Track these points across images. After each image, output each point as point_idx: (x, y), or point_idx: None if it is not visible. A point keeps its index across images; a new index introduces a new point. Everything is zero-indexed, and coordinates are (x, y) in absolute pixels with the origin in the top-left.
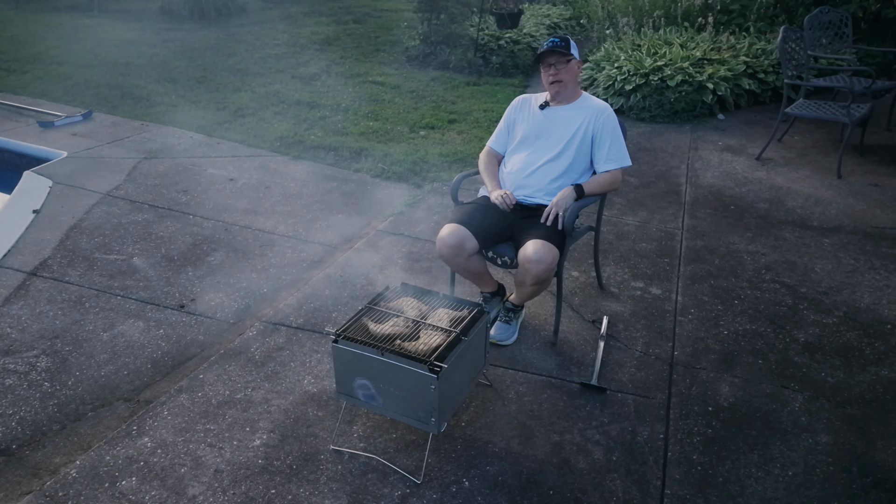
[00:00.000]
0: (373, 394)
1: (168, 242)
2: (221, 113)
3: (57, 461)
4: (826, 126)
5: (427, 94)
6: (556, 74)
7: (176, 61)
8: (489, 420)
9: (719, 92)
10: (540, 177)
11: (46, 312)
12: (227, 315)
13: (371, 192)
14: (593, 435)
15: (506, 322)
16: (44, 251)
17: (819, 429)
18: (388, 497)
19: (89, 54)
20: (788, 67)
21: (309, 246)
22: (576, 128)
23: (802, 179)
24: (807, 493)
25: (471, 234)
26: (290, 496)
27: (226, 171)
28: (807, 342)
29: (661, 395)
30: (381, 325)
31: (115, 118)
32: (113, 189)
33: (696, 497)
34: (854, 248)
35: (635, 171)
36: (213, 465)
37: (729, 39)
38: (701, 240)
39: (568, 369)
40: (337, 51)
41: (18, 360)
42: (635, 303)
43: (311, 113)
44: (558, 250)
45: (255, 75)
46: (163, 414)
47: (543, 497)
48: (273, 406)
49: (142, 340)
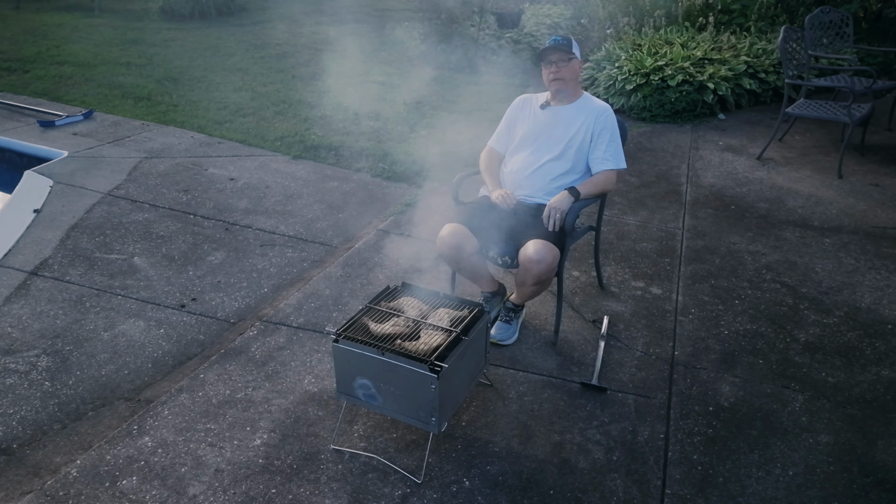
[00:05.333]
0: (373, 393)
1: (169, 242)
2: (222, 112)
3: (58, 460)
4: (827, 126)
5: (427, 93)
6: (557, 72)
7: (176, 61)
8: (490, 420)
9: (720, 92)
10: (540, 177)
11: (47, 312)
12: (227, 314)
13: (371, 191)
14: (594, 435)
15: (506, 322)
16: (44, 251)
17: (820, 429)
18: (389, 497)
19: (90, 54)
20: (789, 67)
21: (309, 245)
22: (576, 128)
23: (803, 179)
24: (807, 493)
25: (471, 233)
26: (290, 496)
27: (226, 171)
28: (807, 342)
29: (662, 395)
30: (382, 324)
31: (116, 118)
32: (114, 188)
33: (697, 497)
34: (855, 248)
35: (636, 171)
36: (213, 464)
37: (730, 39)
38: (701, 240)
39: (568, 369)
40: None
41: (19, 359)
42: (636, 302)
43: (312, 112)
44: (559, 250)
45: (256, 75)
46: (163, 413)
47: (544, 497)
48: (273, 406)
49: (142, 340)
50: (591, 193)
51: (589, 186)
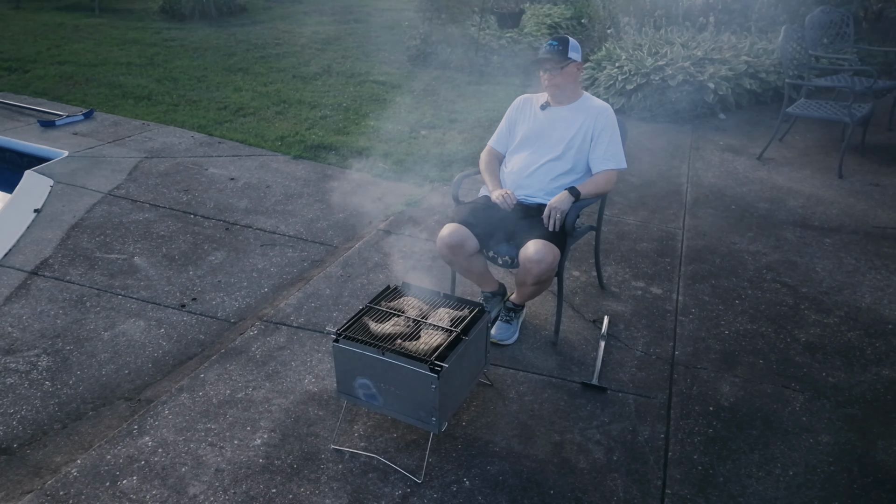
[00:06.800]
0: (373, 393)
1: (169, 242)
2: (222, 112)
3: (58, 460)
4: (827, 126)
5: (428, 93)
6: (551, 79)
7: (177, 60)
8: (490, 419)
9: (720, 91)
10: (541, 176)
11: (47, 311)
12: (227, 314)
13: (372, 191)
14: (594, 434)
15: (507, 322)
16: (45, 250)
17: (820, 429)
18: (389, 496)
19: (90, 53)
20: (790, 67)
21: (310, 245)
22: (576, 128)
23: (803, 179)
24: (807, 493)
25: (471, 233)
26: (290, 495)
27: (227, 171)
28: (808, 342)
29: (662, 395)
30: (382, 324)
31: (117, 117)
32: (114, 188)
33: (697, 497)
34: (855, 247)
35: (636, 171)
36: (213, 464)
37: (730, 39)
38: (702, 239)
39: (569, 369)
40: (338, 50)
41: (20, 359)
42: (636, 302)
43: (312, 112)
44: (559, 250)
45: (256, 74)
46: (164, 413)
47: (544, 497)
48: (274, 405)
49: (143, 340)
50: (591, 193)
51: (589, 186)
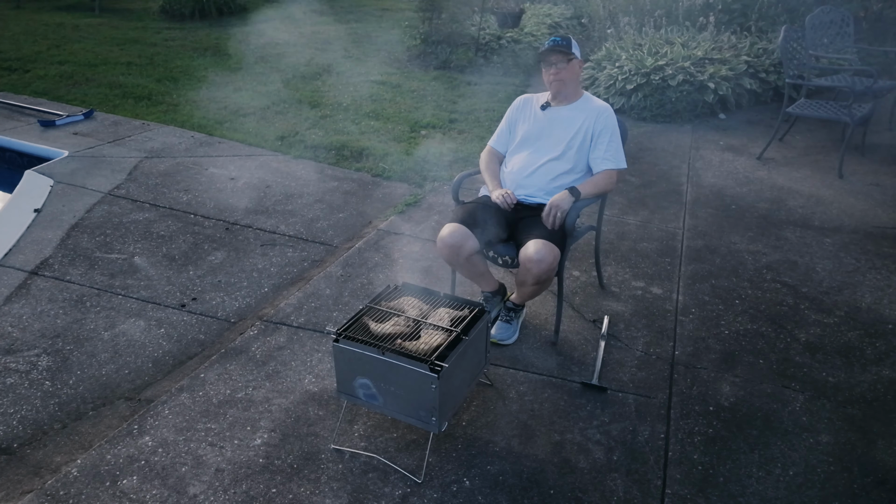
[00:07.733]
0: (374, 393)
1: (169, 241)
2: (222, 112)
3: (58, 460)
4: (827, 126)
5: (428, 93)
6: (557, 73)
7: (177, 60)
8: (490, 419)
9: (721, 91)
10: (541, 176)
11: (48, 311)
12: (228, 314)
13: (372, 191)
14: (594, 434)
15: (507, 321)
16: (45, 250)
17: (820, 429)
18: (389, 496)
19: (90, 53)
20: (790, 67)
21: (310, 245)
22: (577, 128)
23: (804, 179)
24: (808, 493)
25: (471, 233)
26: (290, 495)
27: (227, 171)
28: (808, 342)
29: (662, 395)
30: (382, 324)
31: (117, 117)
32: (114, 188)
33: (697, 497)
34: (855, 247)
35: (636, 171)
36: (213, 464)
37: (730, 39)
38: (702, 239)
39: (569, 369)
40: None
41: (20, 358)
42: (636, 302)
43: (313, 112)
44: (559, 250)
45: (257, 74)
46: (164, 413)
47: (544, 496)
48: (274, 405)
49: (143, 339)
50: (591, 193)
51: (589, 186)
